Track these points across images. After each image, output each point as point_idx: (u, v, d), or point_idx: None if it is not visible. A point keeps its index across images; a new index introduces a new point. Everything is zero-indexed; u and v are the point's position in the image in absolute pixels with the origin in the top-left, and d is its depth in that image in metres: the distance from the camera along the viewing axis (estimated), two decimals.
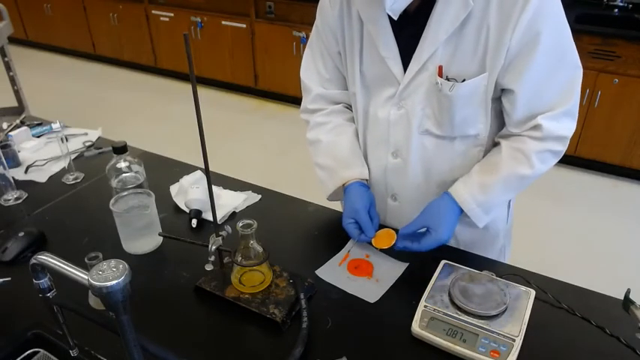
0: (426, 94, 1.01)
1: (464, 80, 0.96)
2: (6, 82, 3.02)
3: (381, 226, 1.10)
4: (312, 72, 1.18)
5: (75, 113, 3.95)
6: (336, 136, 1.16)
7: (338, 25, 1.07)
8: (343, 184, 1.14)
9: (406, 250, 1.03)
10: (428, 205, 1.05)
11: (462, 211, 1.03)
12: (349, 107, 1.19)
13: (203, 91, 4.28)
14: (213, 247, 0.97)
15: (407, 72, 1.00)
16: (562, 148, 0.99)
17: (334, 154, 1.15)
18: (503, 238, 1.23)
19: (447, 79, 0.97)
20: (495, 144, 1.06)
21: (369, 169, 1.16)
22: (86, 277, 0.59)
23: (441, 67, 0.97)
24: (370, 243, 1.07)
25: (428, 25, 0.95)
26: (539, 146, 0.98)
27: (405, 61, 1.00)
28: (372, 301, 0.98)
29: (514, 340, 0.84)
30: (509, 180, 1.01)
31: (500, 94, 1.00)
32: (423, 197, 1.11)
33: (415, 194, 1.13)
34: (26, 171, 1.45)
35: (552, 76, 0.93)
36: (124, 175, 1.17)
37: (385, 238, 1.05)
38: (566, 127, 0.98)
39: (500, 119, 1.04)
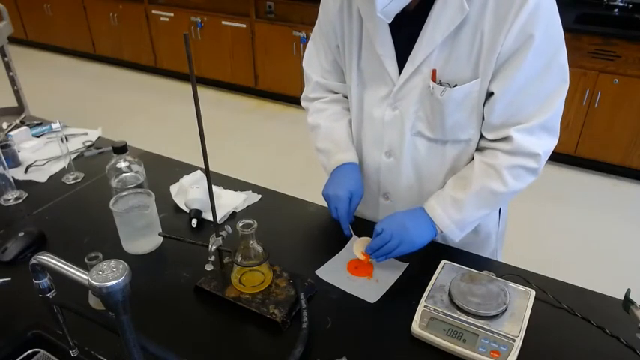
0: (419, 96, 1.01)
1: (456, 85, 0.96)
2: (6, 82, 3.02)
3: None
4: (314, 62, 1.20)
5: (75, 113, 3.95)
6: (333, 122, 1.19)
7: (338, 20, 1.08)
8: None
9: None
10: (397, 216, 1.05)
11: (435, 228, 1.03)
12: (347, 97, 1.20)
13: (203, 91, 4.28)
14: (213, 247, 0.97)
15: (402, 73, 1.01)
16: (535, 165, 0.97)
17: (332, 139, 1.18)
18: (495, 241, 1.23)
19: (440, 83, 0.97)
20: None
21: (363, 166, 1.18)
22: (86, 277, 0.59)
23: (434, 71, 0.97)
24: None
25: (425, 27, 0.94)
26: (510, 161, 0.97)
27: (401, 62, 1.01)
28: (372, 301, 0.98)
29: (514, 340, 0.84)
30: (481, 195, 1.00)
31: None
32: (414, 198, 1.12)
33: (407, 194, 1.14)
34: (26, 171, 1.45)
35: (536, 83, 0.92)
36: (124, 175, 1.17)
37: (361, 246, 1.07)
38: (540, 142, 0.95)
39: None
